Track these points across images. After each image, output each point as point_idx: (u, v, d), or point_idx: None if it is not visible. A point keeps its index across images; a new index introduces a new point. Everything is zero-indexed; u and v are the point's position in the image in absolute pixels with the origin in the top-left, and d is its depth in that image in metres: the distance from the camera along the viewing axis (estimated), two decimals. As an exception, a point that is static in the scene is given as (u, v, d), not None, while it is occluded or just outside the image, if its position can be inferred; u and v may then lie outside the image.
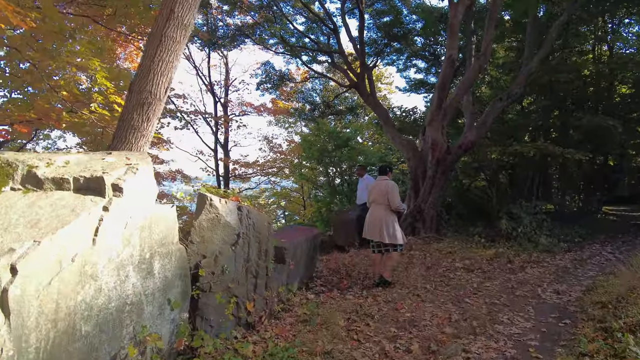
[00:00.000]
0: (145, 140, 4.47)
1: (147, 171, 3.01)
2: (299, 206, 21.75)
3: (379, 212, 6.10)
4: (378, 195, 6.15)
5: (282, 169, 20.52)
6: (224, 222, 4.05)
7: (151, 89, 4.36)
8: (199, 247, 3.93)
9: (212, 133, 16.43)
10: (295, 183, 21.54)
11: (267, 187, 22.57)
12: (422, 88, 15.71)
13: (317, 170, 16.48)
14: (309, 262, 6.39)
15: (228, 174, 16.78)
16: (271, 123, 20.91)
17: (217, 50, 15.49)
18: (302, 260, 5.96)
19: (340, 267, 7.35)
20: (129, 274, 2.79)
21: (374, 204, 6.23)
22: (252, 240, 4.35)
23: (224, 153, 16.90)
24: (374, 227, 6.12)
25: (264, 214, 4.68)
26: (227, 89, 16.77)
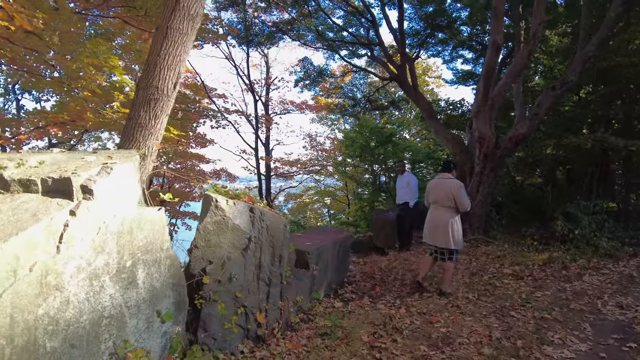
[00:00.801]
0: (154, 139, 4.22)
1: (126, 171, 2.69)
2: (344, 205, 21.31)
3: (443, 215, 5.48)
4: (441, 195, 5.51)
5: (325, 166, 20.16)
6: (233, 225, 3.71)
7: (158, 85, 4.10)
8: (204, 252, 3.61)
9: (253, 132, 16.39)
10: (340, 181, 21.13)
11: (312, 185, 22.33)
12: (470, 80, 14.75)
13: (361, 168, 15.97)
14: (339, 266, 5.96)
15: (269, 173, 16.64)
16: (314, 121, 20.68)
17: (257, 49, 15.38)
18: (329, 265, 5.53)
19: (376, 272, 6.85)
20: (105, 284, 2.49)
21: (436, 205, 5.60)
22: (265, 245, 3.98)
23: (266, 152, 16.78)
24: (436, 232, 5.51)
25: (281, 216, 4.29)
26: (268, 87, 16.65)
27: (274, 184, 22.48)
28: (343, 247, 6.01)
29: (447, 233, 5.41)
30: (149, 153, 4.03)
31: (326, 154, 19.73)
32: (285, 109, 17.37)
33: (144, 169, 3.96)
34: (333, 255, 5.65)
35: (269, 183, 16.63)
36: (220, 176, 18.23)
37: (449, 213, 5.47)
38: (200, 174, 17.50)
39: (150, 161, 4.24)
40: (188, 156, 16.18)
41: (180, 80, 4.36)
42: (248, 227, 3.85)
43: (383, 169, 14.57)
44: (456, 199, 5.40)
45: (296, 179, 19.98)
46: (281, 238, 4.14)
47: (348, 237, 6.31)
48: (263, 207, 4.27)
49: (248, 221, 3.86)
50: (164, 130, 4.34)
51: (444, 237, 5.44)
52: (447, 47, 14.36)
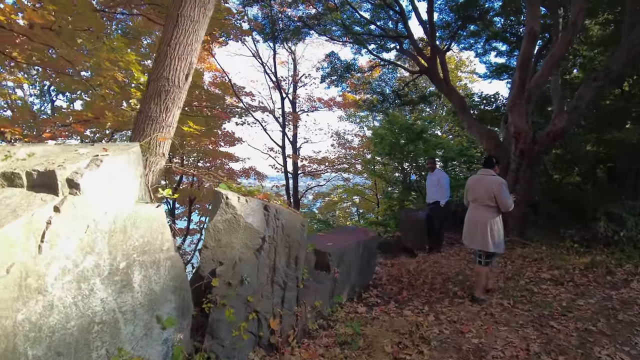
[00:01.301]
0: (165, 132, 4.02)
1: (119, 164, 2.46)
2: (373, 204, 20.90)
3: (482, 214, 5.07)
4: (481, 193, 5.09)
5: (354, 165, 19.79)
6: (245, 224, 3.45)
7: (168, 76, 3.89)
8: (215, 253, 3.37)
9: (280, 130, 16.21)
10: (369, 179, 20.72)
11: (340, 183, 22.02)
12: (504, 73, 14.02)
13: (390, 166, 15.54)
14: (364, 268, 5.62)
15: (297, 171, 16.41)
16: (342, 118, 20.33)
17: (283, 45, 15.19)
18: (353, 267, 5.21)
19: (404, 275, 6.48)
20: (95, 288, 2.27)
21: (475, 205, 5.19)
22: (280, 245, 3.70)
23: (293, 150, 16.57)
24: (474, 232, 5.11)
25: (298, 215, 4.01)
26: (295, 85, 16.42)
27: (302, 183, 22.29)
28: (368, 248, 5.67)
29: (485, 234, 5.00)
30: (154, 146, 3.82)
31: (354, 152, 19.35)
32: (312, 107, 17.13)
33: (151, 163, 3.76)
34: (357, 257, 5.32)
35: (296, 181, 16.40)
36: (249, 175, 18.18)
37: (489, 212, 5.05)
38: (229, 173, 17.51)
39: (160, 155, 4.03)
40: (217, 154, 16.18)
41: (192, 71, 4.14)
42: (262, 226, 3.58)
43: (413, 167, 14.10)
44: (497, 197, 4.97)
45: (324, 177, 19.68)
46: (298, 238, 3.85)
47: (374, 237, 5.96)
48: (280, 204, 4.00)
49: (262, 220, 3.60)
50: (176, 123, 4.14)
51: (481, 238, 5.03)
52: (480, 40, 13.69)
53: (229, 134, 15.94)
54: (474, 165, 13.98)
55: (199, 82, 13.29)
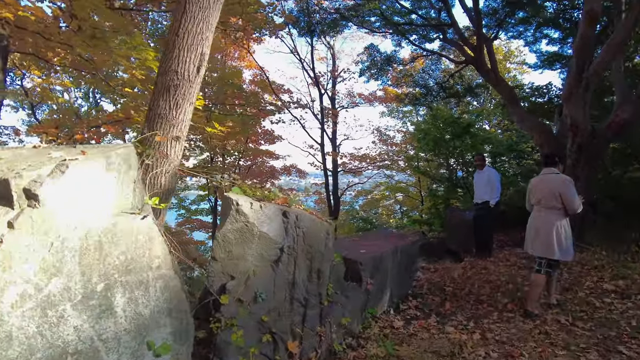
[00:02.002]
0: (176, 130, 3.67)
1: (92, 170, 2.09)
2: (417, 201, 20.11)
3: (547, 217, 4.48)
4: (545, 193, 4.51)
5: (396, 161, 19.09)
6: (259, 233, 3.03)
7: (177, 68, 3.55)
8: (225, 266, 2.98)
9: (319, 127, 15.80)
10: (412, 176, 19.94)
11: (382, 180, 21.39)
12: (557, 62, 12.81)
13: (435, 162, 14.78)
14: (402, 277, 5.08)
15: (336, 169, 15.94)
16: (384, 114, 19.59)
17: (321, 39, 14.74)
18: (389, 276, 4.68)
19: (447, 282, 5.88)
20: (66, 314, 1.92)
21: (539, 207, 4.60)
22: (300, 257, 3.26)
23: (332, 147, 16.11)
24: (536, 237, 4.53)
25: (322, 221, 3.54)
26: (335, 80, 15.93)
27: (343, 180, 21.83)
28: (407, 254, 5.12)
29: (549, 238, 4.40)
30: (164, 146, 3.48)
31: (397, 148, 18.63)
32: (353, 102, 16.57)
33: (158, 165, 3.43)
34: (394, 265, 4.79)
35: (336, 179, 15.94)
36: (291, 172, 17.98)
37: (555, 215, 4.44)
38: (270, 170, 17.36)
39: (171, 156, 3.70)
40: (258, 153, 16.06)
41: (204, 63, 3.77)
42: (280, 234, 3.15)
43: (460, 163, 13.31)
44: (563, 197, 4.37)
45: (365, 174, 19.10)
46: (321, 248, 3.40)
47: (414, 242, 5.40)
48: (302, 209, 3.56)
49: (280, 228, 3.17)
50: (188, 120, 3.79)
51: (545, 243, 4.43)
52: (530, 27, 12.57)
53: (268, 132, 15.76)
54: (524, 161, 13.00)
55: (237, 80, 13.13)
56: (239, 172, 16.21)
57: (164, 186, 3.72)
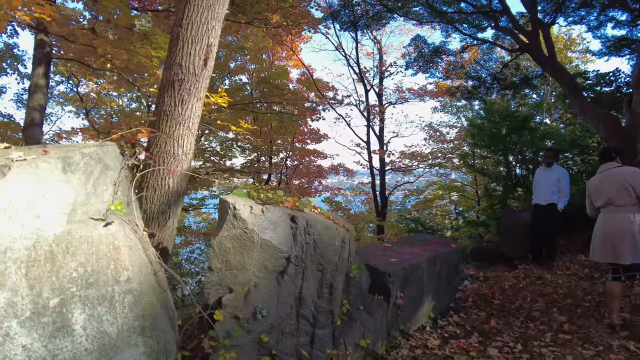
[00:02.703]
0: (183, 128, 3.38)
1: (44, 172, 1.79)
2: (473, 201, 18.99)
3: (623, 218, 3.81)
4: (613, 190, 3.86)
5: (450, 159, 18.10)
6: (261, 240, 2.65)
7: (181, 62, 3.26)
8: (222, 277, 2.63)
9: (365, 125, 15.20)
10: (468, 175, 18.85)
11: (435, 179, 20.44)
12: (625, 48, 11.29)
13: (492, 160, 13.76)
14: (442, 289, 4.49)
15: (384, 167, 15.28)
16: (436, 110, 18.60)
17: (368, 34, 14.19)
18: (425, 289, 4.13)
19: (496, 294, 5.20)
20: (12, 332, 1.65)
21: (608, 208, 3.94)
22: (309, 269, 2.84)
23: (380, 144, 15.47)
24: (612, 244, 3.85)
25: (339, 228, 3.09)
26: (382, 76, 15.25)
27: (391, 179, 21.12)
28: (448, 263, 4.53)
29: (623, 241, 3.74)
30: (161, 147, 3.21)
31: (451, 145, 17.64)
32: (402, 97, 15.80)
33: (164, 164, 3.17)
34: (432, 276, 4.22)
35: (383, 178, 15.30)
36: (338, 171, 17.59)
37: (629, 214, 3.76)
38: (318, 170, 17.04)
39: (181, 155, 3.41)
40: (305, 152, 15.80)
41: (213, 56, 3.45)
42: (286, 242, 2.75)
43: (519, 159, 12.25)
44: (636, 189, 3.70)
45: (415, 172, 18.24)
46: (335, 259, 2.95)
47: (455, 250, 4.77)
48: (317, 213, 3.13)
49: (287, 235, 2.77)
50: (197, 117, 3.48)
51: (618, 247, 3.77)
52: (593, 10, 11.19)
53: (314, 131, 15.43)
54: (589, 157, 11.73)
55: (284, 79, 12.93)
56: (285, 171, 16.05)
57: (172, 188, 3.45)
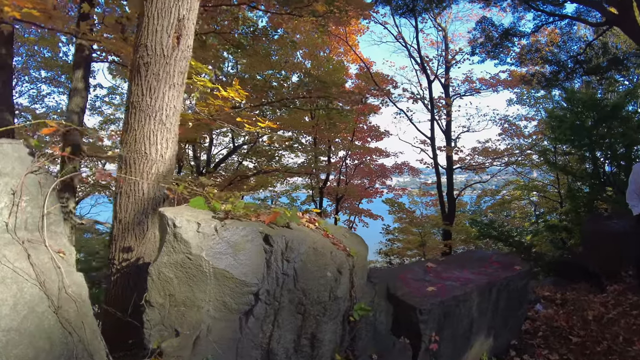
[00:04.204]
0: (154, 122, 2.71)
1: None
2: (556, 202, 16.86)
3: None
4: None
5: (530, 156, 16.15)
6: (214, 270, 1.91)
7: (146, 42, 2.62)
8: (165, 315, 1.93)
9: (428, 120, 13.88)
10: (549, 173, 16.74)
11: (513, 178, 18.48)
12: None
13: (576, 156, 11.97)
14: (500, 323, 3.41)
15: (451, 165, 13.83)
16: (512, 102, 16.63)
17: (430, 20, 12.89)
18: (475, 325, 3.10)
19: (576, 327, 3.97)
20: None
21: None
22: (285, 310, 2.03)
23: (446, 141, 14.03)
24: None
25: (337, 252, 2.23)
26: (448, 66, 13.80)
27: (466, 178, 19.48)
28: (508, 291, 3.43)
29: None
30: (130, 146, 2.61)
31: (529, 140, 15.69)
32: (472, 88, 14.19)
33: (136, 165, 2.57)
34: (484, 309, 3.18)
35: (450, 177, 13.87)
36: (402, 171, 16.43)
37: None
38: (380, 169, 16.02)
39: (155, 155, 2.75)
40: (365, 151, 14.87)
41: (189, 33, 2.74)
42: (254, 272, 1.98)
43: (609, 155, 10.41)
44: None
45: (489, 171, 16.47)
46: (323, 297, 2.10)
47: (520, 274, 3.64)
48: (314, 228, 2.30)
49: (256, 261, 1.99)
50: (173, 108, 2.80)
51: None
52: None
53: (374, 128, 14.40)
54: None
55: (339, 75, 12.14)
56: (345, 171, 15.24)
57: (147, 194, 2.81)
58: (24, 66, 12.98)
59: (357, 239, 2.59)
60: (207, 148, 13.65)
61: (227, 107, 4.87)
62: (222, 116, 4.61)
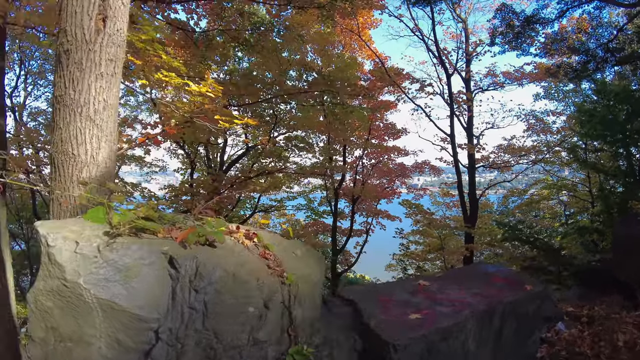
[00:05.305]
0: (81, 119, 2.31)
1: None
2: (586, 202, 15.85)
3: None
4: None
5: (558, 153, 15.19)
6: (97, 300, 1.45)
7: (65, 26, 2.26)
8: (50, 352, 1.52)
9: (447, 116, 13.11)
10: (579, 171, 15.74)
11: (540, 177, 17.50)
12: None
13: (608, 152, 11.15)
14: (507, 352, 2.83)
15: (473, 164, 13.00)
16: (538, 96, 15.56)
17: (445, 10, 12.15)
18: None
19: (603, 353, 3.34)
20: None
21: None
22: (191, 354, 1.55)
23: (468, 138, 13.22)
24: None
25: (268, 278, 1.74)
26: (468, 59, 12.96)
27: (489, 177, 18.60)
28: (516, 316, 2.85)
29: None
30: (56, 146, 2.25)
31: (558, 136, 14.71)
32: (495, 82, 13.30)
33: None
34: (484, 340, 2.62)
35: (473, 177, 13.07)
36: (423, 170, 15.73)
37: None
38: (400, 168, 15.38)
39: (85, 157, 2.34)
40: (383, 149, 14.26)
41: (117, 14, 2.31)
42: (156, 304, 1.53)
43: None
44: None
45: (515, 169, 15.55)
46: (240, 341, 1.63)
47: (530, 295, 3.04)
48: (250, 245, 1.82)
49: (156, 290, 1.55)
50: (104, 103, 2.38)
51: None
52: None
53: (390, 126, 13.75)
54: None
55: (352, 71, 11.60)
56: (362, 171, 14.67)
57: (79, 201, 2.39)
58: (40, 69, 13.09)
59: (312, 258, 2.09)
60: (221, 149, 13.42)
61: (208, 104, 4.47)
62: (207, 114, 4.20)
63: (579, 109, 10.82)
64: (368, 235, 14.77)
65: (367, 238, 14.63)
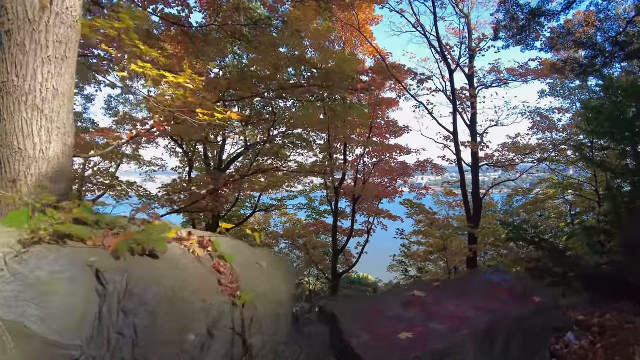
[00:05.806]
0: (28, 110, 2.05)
1: None
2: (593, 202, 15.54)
3: None
4: None
5: (564, 151, 14.83)
6: (5, 324, 1.17)
7: (5, 3, 2.00)
8: None
9: (450, 113, 12.76)
10: (586, 170, 15.39)
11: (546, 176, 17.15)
12: None
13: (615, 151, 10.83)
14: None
15: (477, 162, 12.65)
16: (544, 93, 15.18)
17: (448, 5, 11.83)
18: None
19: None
20: None
21: None
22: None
23: (471, 136, 12.88)
24: None
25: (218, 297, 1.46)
26: (472, 55, 12.62)
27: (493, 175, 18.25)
28: (523, 333, 2.56)
29: None
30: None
31: (563, 134, 14.35)
32: (500, 79, 12.95)
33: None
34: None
35: (476, 176, 12.73)
36: (426, 169, 15.41)
37: None
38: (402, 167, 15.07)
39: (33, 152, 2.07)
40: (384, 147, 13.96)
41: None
42: (77, 327, 1.23)
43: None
44: None
45: (519, 168, 15.20)
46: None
47: (538, 308, 2.74)
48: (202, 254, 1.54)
49: (80, 312, 1.24)
50: (53, 92, 2.11)
51: None
52: None
53: (391, 123, 13.44)
54: None
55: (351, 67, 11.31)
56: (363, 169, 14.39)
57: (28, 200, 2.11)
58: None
59: (280, 271, 1.80)
60: (220, 147, 13.18)
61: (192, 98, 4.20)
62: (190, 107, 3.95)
63: (586, 106, 10.49)
64: (369, 235, 14.49)
65: (368, 238, 14.34)
